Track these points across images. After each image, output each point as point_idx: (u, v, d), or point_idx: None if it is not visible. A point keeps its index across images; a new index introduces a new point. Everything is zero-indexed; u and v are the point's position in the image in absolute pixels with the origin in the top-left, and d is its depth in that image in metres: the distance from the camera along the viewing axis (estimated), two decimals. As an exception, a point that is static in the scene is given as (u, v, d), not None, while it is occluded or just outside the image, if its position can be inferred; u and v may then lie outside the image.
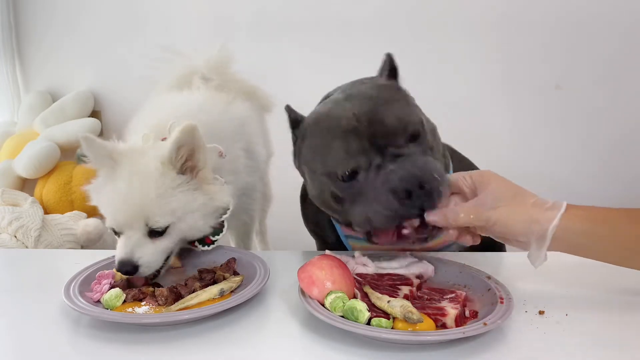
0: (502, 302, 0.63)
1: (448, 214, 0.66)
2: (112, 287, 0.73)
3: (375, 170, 0.68)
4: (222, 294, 0.71)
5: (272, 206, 1.52)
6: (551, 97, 1.90)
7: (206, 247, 0.86)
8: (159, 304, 0.70)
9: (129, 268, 0.76)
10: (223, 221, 0.87)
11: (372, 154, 0.69)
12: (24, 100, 2.13)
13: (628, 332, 0.62)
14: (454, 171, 0.86)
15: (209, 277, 0.76)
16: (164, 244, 0.79)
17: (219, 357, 0.60)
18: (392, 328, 0.60)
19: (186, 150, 0.79)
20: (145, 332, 0.65)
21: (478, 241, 0.71)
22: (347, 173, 0.70)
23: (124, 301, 0.71)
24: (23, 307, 0.74)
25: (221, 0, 2.00)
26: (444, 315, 0.62)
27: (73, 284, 0.72)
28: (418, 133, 0.70)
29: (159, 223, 0.78)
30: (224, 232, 0.87)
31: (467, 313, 0.65)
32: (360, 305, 0.61)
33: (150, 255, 0.78)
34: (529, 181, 0.90)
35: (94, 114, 2.12)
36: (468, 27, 1.89)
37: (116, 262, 0.77)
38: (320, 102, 0.81)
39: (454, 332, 0.58)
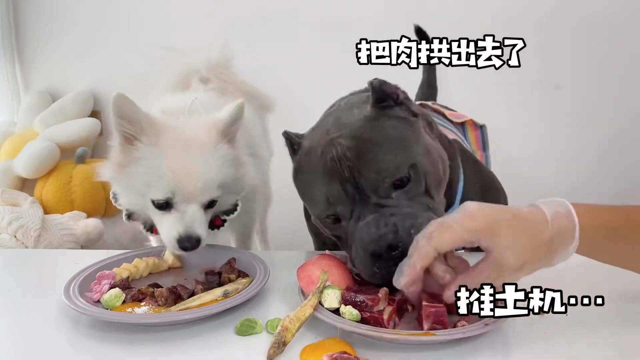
0: (502, 302, 0.63)
1: (448, 292, 0.57)
2: (111, 287, 0.73)
3: (355, 220, 0.65)
4: (225, 296, 0.70)
5: (272, 206, 1.52)
6: (551, 97, 1.90)
7: (215, 230, 0.84)
8: (158, 305, 0.70)
9: (193, 243, 0.74)
10: (237, 201, 0.85)
11: (354, 202, 0.65)
12: (24, 100, 2.13)
13: (628, 332, 0.62)
14: (465, 181, 0.83)
15: (214, 280, 0.76)
16: (207, 217, 0.78)
17: (219, 357, 0.60)
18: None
19: (237, 126, 0.79)
20: (145, 332, 0.65)
21: None
22: (329, 220, 0.69)
23: (124, 301, 0.71)
24: (23, 307, 0.74)
25: (221, 0, 2.00)
26: None
27: (73, 284, 0.72)
28: (405, 180, 0.65)
29: (216, 195, 0.76)
30: (238, 211, 0.85)
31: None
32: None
33: (205, 229, 0.76)
34: (529, 181, 0.90)
35: (94, 114, 2.12)
36: (467, 27, 1.88)
37: (173, 238, 0.74)
38: (322, 117, 0.77)
39: (454, 332, 0.58)
